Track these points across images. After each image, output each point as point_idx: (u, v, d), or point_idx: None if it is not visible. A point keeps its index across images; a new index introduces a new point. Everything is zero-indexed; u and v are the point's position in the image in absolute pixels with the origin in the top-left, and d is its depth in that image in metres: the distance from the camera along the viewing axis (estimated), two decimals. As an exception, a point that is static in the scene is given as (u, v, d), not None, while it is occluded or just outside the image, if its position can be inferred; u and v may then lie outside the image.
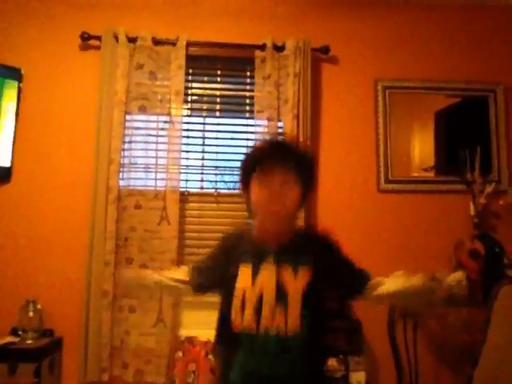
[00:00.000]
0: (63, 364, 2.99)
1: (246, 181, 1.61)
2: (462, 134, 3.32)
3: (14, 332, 2.85)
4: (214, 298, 3.12)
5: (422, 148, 3.33)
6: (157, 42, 3.17)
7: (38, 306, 2.90)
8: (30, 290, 2.97)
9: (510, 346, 1.91)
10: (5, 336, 2.80)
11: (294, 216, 1.66)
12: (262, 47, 3.19)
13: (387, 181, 3.24)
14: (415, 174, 3.29)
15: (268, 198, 1.53)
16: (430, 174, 3.29)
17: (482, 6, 3.46)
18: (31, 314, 2.87)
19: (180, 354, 2.87)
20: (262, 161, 1.55)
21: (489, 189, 3.16)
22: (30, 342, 2.78)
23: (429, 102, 3.34)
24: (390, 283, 1.60)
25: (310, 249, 1.60)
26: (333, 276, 1.58)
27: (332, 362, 2.80)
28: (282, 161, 1.53)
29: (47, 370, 2.77)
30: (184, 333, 3.03)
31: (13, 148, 3.12)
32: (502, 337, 1.96)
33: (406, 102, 3.33)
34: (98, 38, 3.16)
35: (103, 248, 2.95)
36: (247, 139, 3.27)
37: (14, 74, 3.14)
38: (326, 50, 3.26)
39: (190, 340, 2.91)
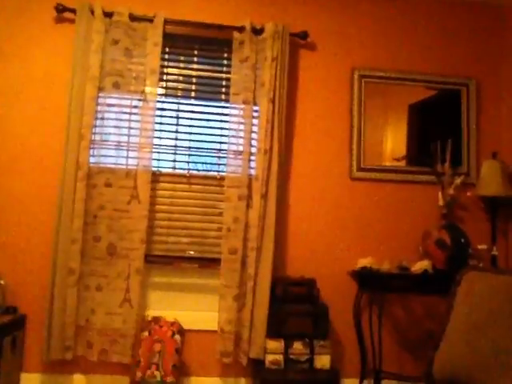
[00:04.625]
0: (26, 342, 2.94)
1: None
2: (434, 127, 3.37)
3: (-26, 308, 2.79)
4: (181, 280, 3.13)
5: (394, 138, 3.36)
6: (134, 18, 3.11)
7: (2, 282, 2.84)
8: (-6, 265, 2.91)
9: (470, 329, 1.95)
10: (-35, 311, 2.73)
11: None
12: (241, 29, 3.17)
13: (359, 169, 3.27)
14: (387, 164, 3.33)
15: None
16: (402, 164, 3.34)
17: (460, 1, 3.50)
18: (-6, 290, 2.81)
19: (146, 334, 2.84)
20: None
21: (458, 181, 3.23)
22: (-9, 318, 2.71)
23: (403, 93, 3.38)
24: None
25: None
26: None
27: (297, 346, 2.83)
28: None
29: (9, 347, 2.72)
30: (150, 313, 3.02)
31: (-20, 120, 3.03)
32: (464, 320, 2.00)
33: (381, 91, 3.36)
34: (73, 10, 3.08)
35: (71, 225, 2.89)
36: (222, 121, 3.24)
37: (-16, 43, 3.04)
38: (304, 35, 3.26)
39: (157, 320, 2.89)
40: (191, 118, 3.23)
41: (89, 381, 2.96)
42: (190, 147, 3.21)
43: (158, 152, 3.16)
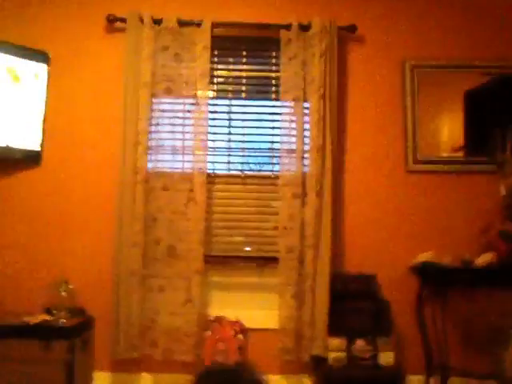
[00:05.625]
0: (95, 342, 3.06)
1: None
2: (492, 114, 3.25)
3: (47, 311, 2.92)
4: (240, 279, 3.17)
5: (451, 128, 3.27)
6: (182, 23, 3.16)
7: (70, 286, 2.97)
8: (62, 270, 3.04)
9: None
10: (39, 314, 2.86)
11: None
12: (288, 27, 3.15)
13: (415, 161, 3.20)
14: (444, 155, 3.23)
15: None
16: (460, 155, 3.24)
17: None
18: (63, 293, 2.94)
19: (209, 333, 2.90)
20: None
21: (520, 169, 3.10)
22: (63, 320, 2.84)
23: (458, 80, 3.27)
24: None
25: None
26: None
27: (360, 343, 2.81)
28: None
29: (80, 347, 2.84)
30: (212, 312, 3.07)
31: (42, 131, 3.16)
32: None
33: (434, 80, 3.27)
34: (124, 20, 3.17)
35: (132, 229, 2.99)
36: (273, 120, 3.25)
37: (42, 57, 3.17)
38: (352, 28, 3.21)
39: (219, 320, 2.95)
40: (243, 119, 3.26)
41: (155, 379, 3.06)
42: (243, 148, 3.24)
43: (213, 154, 3.21)
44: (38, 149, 3.15)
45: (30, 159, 3.14)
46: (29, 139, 3.11)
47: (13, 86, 3.07)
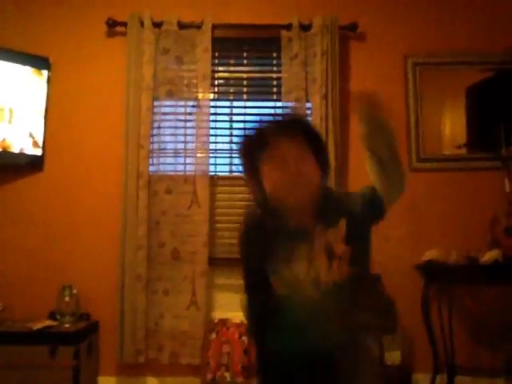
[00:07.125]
0: (100, 347, 3.06)
1: (252, 167, 1.43)
2: (495, 109, 3.22)
3: (51, 316, 2.92)
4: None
5: (453, 125, 3.25)
6: (182, 25, 3.15)
7: (74, 291, 2.96)
8: (66, 275, 3.03)
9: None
10: (43, 320, 2.86)
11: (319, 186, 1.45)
12: (288, 27, 3.15)
13: (419, 159, 3.18)
14: (447, 152, 3.21)
15: (287, 181, 1.37)
16: (463, 152, 3.22)
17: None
18: (67, 298, 2.93)
19: (214, 335, 2.89)
20: (267, 139, 1.39)
21: (525, 164, 3.08)
22: (67, 325, 2.84)
23: (460, 76, 3.25)
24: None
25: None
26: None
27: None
28: (287, 134, 1.40)
29: (85, 352, 2.83)
30: (217, 315, 3.06)
31: (44, 137, 3.16)
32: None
33: (436, 77, 3.25)
34: (124, 23, 3.17)
35: (136, 233, 2.99)
36: (275, 121, 3.24)
37: (43, 63, 3.18)
38: (353, 27, 3.19)
39: (224, 322, 2.94)
40: (244, 121, 3.25)
41: (161, 382, 3.05)
42: (245, 149, 3.23)
43: (215, 156, 3.20)
44: (40, 153, 3.15)
45: (34, 164, 3.14)
46: (32, 144, 3.12)
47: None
